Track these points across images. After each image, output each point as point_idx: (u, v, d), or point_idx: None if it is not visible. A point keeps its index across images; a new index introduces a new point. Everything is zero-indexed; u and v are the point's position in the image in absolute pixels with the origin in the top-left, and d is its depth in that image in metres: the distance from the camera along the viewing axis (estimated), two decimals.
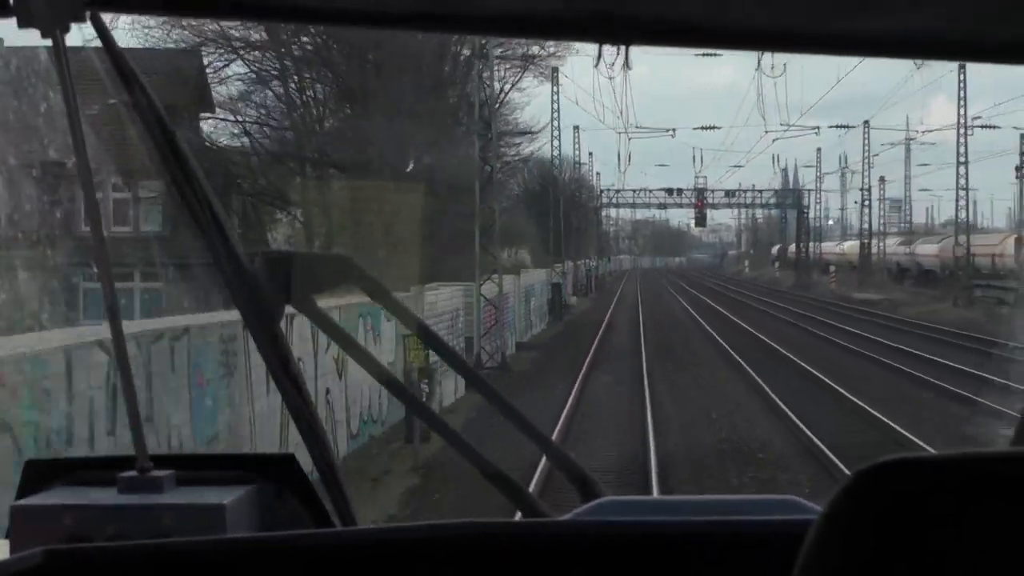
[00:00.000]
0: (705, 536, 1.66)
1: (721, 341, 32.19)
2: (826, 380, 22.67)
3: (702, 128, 70.03)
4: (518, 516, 1.99)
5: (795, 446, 16.34)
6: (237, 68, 31.35)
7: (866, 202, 75.44)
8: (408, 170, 29.33)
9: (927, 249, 59.69)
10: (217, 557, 1.63)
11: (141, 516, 1.72)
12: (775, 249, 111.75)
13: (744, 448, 16.25)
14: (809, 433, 16.45)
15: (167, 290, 20.81)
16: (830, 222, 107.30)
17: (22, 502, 1.73)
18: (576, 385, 22.48)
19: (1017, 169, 51.21)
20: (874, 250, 74.04)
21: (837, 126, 72.98)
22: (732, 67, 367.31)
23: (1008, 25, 1.51)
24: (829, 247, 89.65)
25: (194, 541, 1.64)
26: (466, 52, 32.27)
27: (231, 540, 1.68)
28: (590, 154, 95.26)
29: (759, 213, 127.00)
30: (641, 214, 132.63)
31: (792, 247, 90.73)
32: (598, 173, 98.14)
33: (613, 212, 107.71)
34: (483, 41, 27.50)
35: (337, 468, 1.92)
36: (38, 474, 1.82)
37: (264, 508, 1.83)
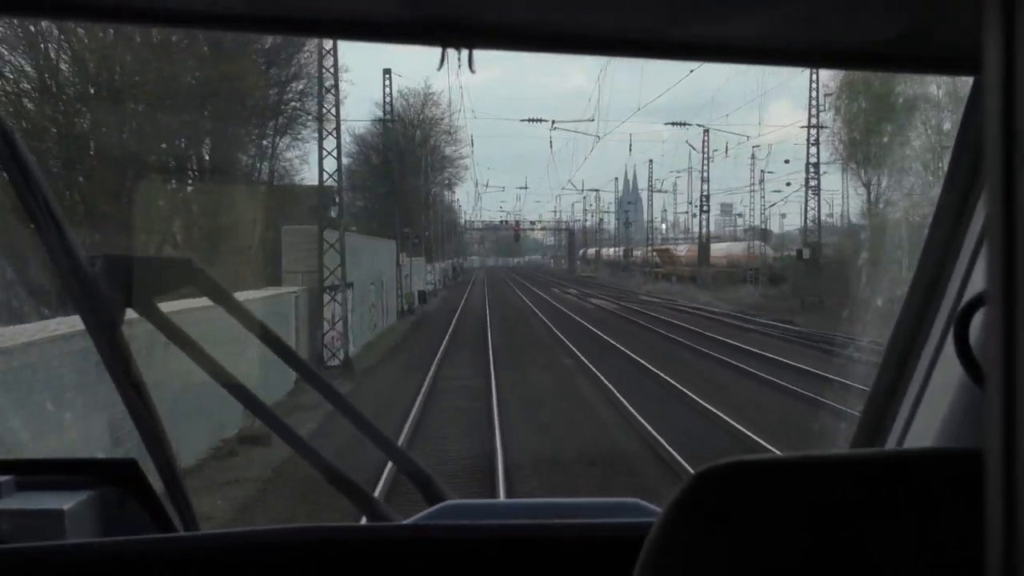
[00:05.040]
0: (549, 539, 1.68)
1: (511, 284, 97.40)
2: (530, 286, 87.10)
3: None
4: (364, 520, 2.04)
5: (518, 296, 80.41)
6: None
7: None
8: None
9: (611, 253, 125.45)
10: (55, 563, 1.59)
11: None
12: (581, 251, 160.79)
13: (508, 291, 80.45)
14: (522, 296, 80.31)
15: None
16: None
17: None
18: (468, 289, 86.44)
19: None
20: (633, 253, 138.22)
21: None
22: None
23: (851, 32, 1.52)
24: (589, 251, 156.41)
25: (32, 547, 1.61)
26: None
27: (70, 546, 1.64)
28: (457, 200, 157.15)
29: (586, 220, 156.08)
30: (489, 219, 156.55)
31: (588, 251, 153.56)
32: (459, 201, 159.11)
33: (471, 217, 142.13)
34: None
35: (180, 473, 1.90)
36: None
37: (105, 513, 1.80)
